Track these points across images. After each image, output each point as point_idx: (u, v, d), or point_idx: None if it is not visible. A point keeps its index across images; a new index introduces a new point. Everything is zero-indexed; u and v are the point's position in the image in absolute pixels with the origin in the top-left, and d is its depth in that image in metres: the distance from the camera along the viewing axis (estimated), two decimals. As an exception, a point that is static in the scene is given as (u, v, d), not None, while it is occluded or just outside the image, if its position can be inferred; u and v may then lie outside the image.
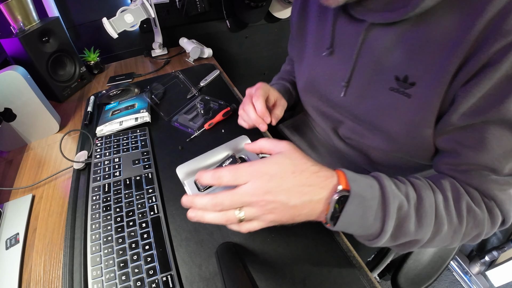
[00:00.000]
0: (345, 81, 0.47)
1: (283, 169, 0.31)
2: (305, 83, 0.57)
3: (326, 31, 0.49)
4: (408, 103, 0.39)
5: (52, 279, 0.43)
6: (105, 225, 0.45)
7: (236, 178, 0.31)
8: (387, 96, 0.41)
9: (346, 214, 0.31)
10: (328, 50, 0.49)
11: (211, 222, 0.32)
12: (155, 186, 0.52)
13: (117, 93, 0.81)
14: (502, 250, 1.07)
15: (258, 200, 0.30)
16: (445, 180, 0.37)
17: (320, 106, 0.57)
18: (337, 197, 0.30)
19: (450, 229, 0.35)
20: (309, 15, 0.53)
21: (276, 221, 0.32)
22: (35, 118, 0.69)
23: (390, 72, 0.40)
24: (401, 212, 0.32)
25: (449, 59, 0.33)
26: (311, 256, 0.41)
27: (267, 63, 1.55)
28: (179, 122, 0.68)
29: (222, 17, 1.22)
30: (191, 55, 1.00)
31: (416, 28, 0.36)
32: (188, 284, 0.39)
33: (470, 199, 0.36)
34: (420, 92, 0.37)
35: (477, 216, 0.35)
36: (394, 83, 0.40)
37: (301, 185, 0.31)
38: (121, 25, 0.87)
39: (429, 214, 0.33)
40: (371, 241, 0.34)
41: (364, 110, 0.46)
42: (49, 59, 0.81)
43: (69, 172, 0.59)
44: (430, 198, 0.34)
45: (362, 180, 0.32)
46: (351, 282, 0.38)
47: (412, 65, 0.37)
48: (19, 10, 0.75)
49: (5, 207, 0.54)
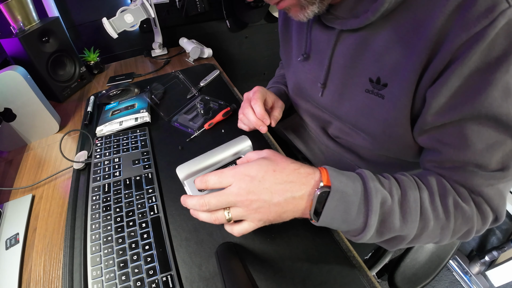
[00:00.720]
0: (321, 83, 0.49)
1: (263, 169, 0.33)
2: (292, 87, 0.60)
3: (303, 39, 0.51)
4: (382, 104, 0.40)
5: (52, 279, 0.43)
6: (105, 225, 0.45)
7: (221, 180, 0.33)
8: (363, 98, 0.43)
9: (328, 209, 0.32)
10: (302, 56, 0.52)
11: (204, 220, 0.35)
12: (155, 186, 0.52)
13: (117, 93, 0.81)
14: (502, 250, 1.07)
15: (242, 199, 0.32)
16: (432, 176, 0.37)
17: (308, 107, 0.59)
18: (318, 192, 0.31)
19: (437, 225, 0.35)
20: (292, 22, 0.56)
21: (264, 220, 0.33)
22: (35, 118, 0.69)
23: (363, 74, 0.41)
24: (384, 207, 0.33)
25: (412, 58, 0.34)
26: (311, 256, 0.41)
27: (267, 63, 1.55)
28: (179, 122, 0.68)
29: (222, 17, 1.22)
30: (191, 55, 1.00)
31: (382, 30, 0.37)
32: (188, 284, 0.39)
33: (457, 195, 0.36)
34: (392, 92, 0.38)
35: (466, 212, 0.35)
36: (369, 85, 0.41)
37: (282, 182, 0.32)
38: (121, 25, 0.87)
39: (414, 210, 0.33)
40: (357, 237, 0.35)
41: (344, 111, 0.48)
42: (49, 59, 0.81)
43: (69, 172, 0.59)
44: (415, 194, 0.34)
45: (343, 176, 0.33)
46: (351, 282, 0.38)
47: (382, 67, 0.38)
48: (19, 10, 0.75)
49: (5, 207, 0.54)
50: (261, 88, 0.55)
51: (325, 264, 0.40)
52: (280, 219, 0.34)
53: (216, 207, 0.33)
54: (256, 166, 0.33)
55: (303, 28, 0.51)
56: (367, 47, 0.40)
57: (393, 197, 0.33)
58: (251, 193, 0.32)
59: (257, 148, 0.39)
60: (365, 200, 0.32)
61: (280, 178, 0.32)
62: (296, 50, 0.55)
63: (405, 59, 0.35)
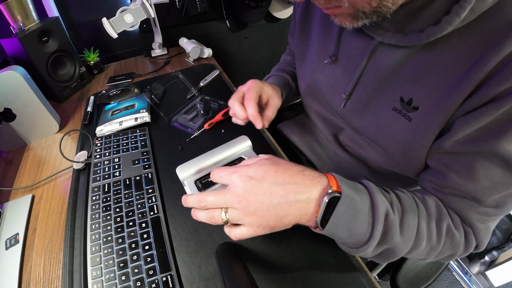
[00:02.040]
0: (346, 93, 0.46)
1: (264, 169, 0.32)
2: (306, 86, 0.56)
3: (331, 39, 0.47)
4: (407, 127, 0.38)
5: (52, 279, 0.43)
6: (105, 225, 0.45)
7: (221, 176, 0.34)
8: (388, 116, 0.40)
9: (336, 216, 0.30)
10: (330, 58, 0.47)
11: (202, 220, 0.34)
12: (155, 186, 0.52)
13: (117, 93, 0.81)
14: (502, 250, 1.07)
15: (239, 200, 0.31)
16: (431, 198, 0.38)
17: (321, 111, 0.56)
18: (327, 199, 0.30)
19: (428, 245, 0.35)
20: (315, 14, 0.51)
21: (263, 225, 0.31)
22: (35, 118, 0.69)
23: (395, 92, 0.39)
24: (388, 219, 0.32)
25: (455, 89, 0.32)
26: (311, 256, 0.41)
27: (267, 63, 1.55)
28: (179, 122, 0.68)
29: (222, 17, 1.22)
30: (191, 55, 1.00)
31: (427, 52, 0.34)
32: (188, 284, 0.39)
33: (451, 221, 0.37)
34: (421, 118, 0.37)
35: (455, 239, 0.36)
36: (398, 104, 0.39)
37: (284, 183, 0.31)
38: (121, 25, 0.87)
39: (412, 227, 0.34)
40: (358, 249, 0.33)
41: (363, 125, 0.46)
42: (48, 59, 0.80)
43: (69, 172, 0.59)
44: (414, 212, 0.35)
45: (351, 183, 0.33)
46: (351, 282, 0.38)
47: (417, 89, 0.36)
48: (18, 10, 0.75)
49: (5, 207, 0.54)
50: (256, 84, 0.51)
51: (325, 264, 0.40)
52: (281, 224, 0.32)
53: (213, 205, 0.33)
54: (256, 166, 0.32)
55: (333, 26, 0.46)
56: (406, 65, 0.37)
57: (394, 212, 0.33)
58: (248, 192, 0.30)
59: (257, 148, 0.39)
60: (372, 210, 0.32)
61: (281, 179, 0.31)
62: (318, 48, 0.50)
63: (446, 87, 0.33)
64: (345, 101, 0.47)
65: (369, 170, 0.53)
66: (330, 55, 0.47)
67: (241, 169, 0.32)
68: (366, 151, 0.49)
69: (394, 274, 0.56)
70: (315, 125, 0.62)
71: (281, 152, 0.60)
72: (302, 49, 0.55)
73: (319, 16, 0.49)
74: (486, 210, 0.36)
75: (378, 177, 0.53)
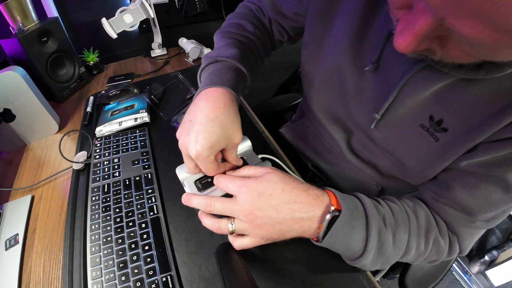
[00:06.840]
0: (379, 113, 0.40)
1: (272, 186, 0.33)
2: (322, 81, 0.48)
3: (373, 37, 0.40)
4: (433, 146, 0.37)
5: (51, 280, 0.43)
6: (104, 226, 0.45)
7: (228, 186, 0.34)
8: (413, 131, 0.38)
9: (334, 231, 0.33)
10: (372, 65, 0.39)
11: (208, 227, 0.36)
12: (155, 186, 0.52)
13: (116, 93, 0.81)
14: (501, 250, 1.07)
15: (248, 214, 0.32)
16: (421, 209, 0.40)
17: (332, 107, 0.49)
18: (330, 217, 0.32)
19: (416, 253, 0.38)
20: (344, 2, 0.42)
21: (267, 237, 0.34)
22: (35, 118, 0.69)
23: (426, 110, 0.37)
24: (381, 235, 0.34)
25: (489, 121, 0.32)
26: (311, 256, 0.41)
27: (266, 63, 1.53)
28: (178, 122, 0.68)
29: (221, 17, 1.22)
30: (190, 55, 1.00)
31: (473, 83, 0.32)
32: (188, 284, 0.39)
33: (438, 231, 0.39)
34: (449, 141, 0.36)
35: (440, 247, 0.39)
36: (427, 122, 0.37)
37: (291, 202, 0.33)
38: (120, 25, 0.87)
39: (403, 239, 0.36)
40: (354, 261, 0.36)
41: (383, 136, 0.43)
42: (48, 59, 0.80)
43: (69, 173, 0.59)
44: (405, 226, 0.37)
45: (349, 200, 0.35)
46: (351, 282, 0.39)
47: (449, 111, 0.35)
48: (18, 10, 0.75)
49: (5, 208, 0.54)
50: (205, 151, 0.34)
51: (325, 264, 0.40)
52: (283, 237, 0.34)
53: (219, 212, 0.34)
54: (264, 182, 0.33)
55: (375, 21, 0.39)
56: (446, 88, 0.34)
57: (387, 227, 0.35)
58: (256, 208, 0.32)
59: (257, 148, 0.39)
60: (366, 226, 0.34)
61: (288, 198, 0.33)
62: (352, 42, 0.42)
63: (480, 117, 0.32)
64: (376, 121, 0.42)
65: (379, 175, 0.52)
66: (372, 61, 0.39)
67: (250, 183, 0.33)
68: (378, 159, 0.47)
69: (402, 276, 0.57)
70: (321, 128, 0.57)
71: (285, 157, 0.58)
72: (321, 32, 0.46)
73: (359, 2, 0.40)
74: (476, 224, 0.38)
75: (387, 181, 0.52)
